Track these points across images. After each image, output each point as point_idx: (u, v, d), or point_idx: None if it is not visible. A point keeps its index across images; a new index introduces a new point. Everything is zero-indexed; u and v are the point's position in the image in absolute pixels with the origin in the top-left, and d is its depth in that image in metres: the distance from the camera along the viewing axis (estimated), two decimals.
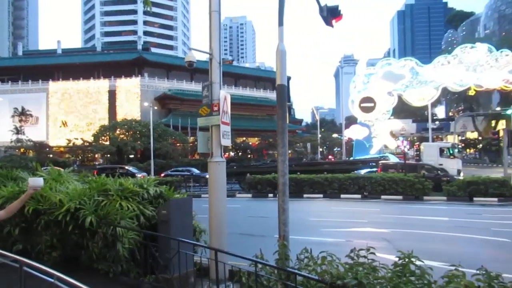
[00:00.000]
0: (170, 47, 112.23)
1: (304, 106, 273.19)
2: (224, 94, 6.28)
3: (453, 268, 3.26)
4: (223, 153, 6.37)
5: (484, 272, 3.15)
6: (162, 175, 30.75)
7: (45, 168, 7.75)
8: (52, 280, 3.19)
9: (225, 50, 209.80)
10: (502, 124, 51.66)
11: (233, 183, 27.20)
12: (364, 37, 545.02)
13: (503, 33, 79.31)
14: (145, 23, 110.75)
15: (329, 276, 3.68)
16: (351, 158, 38.78)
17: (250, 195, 22.66)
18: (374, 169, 25.78)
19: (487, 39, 58.18)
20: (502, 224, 12.50)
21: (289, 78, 75.25)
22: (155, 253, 5.54)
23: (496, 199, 18.22)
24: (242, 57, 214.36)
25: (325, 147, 73.26)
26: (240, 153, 59.65)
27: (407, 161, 25.90)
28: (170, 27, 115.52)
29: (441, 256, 7.24)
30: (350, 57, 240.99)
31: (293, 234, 8.26)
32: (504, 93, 45.95)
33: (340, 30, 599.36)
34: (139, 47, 79.10)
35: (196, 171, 33.10)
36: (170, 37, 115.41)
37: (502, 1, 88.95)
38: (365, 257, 3.82)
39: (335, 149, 74.19)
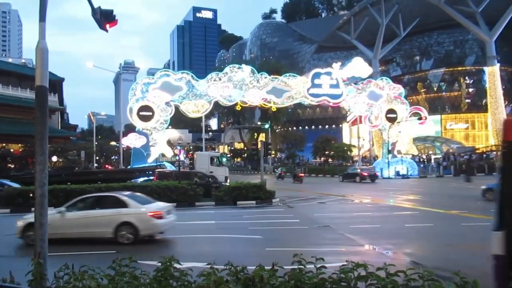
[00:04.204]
0: None
1: (81, 112, 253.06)
2: None
3: (209, 266, 3.62)
4: None
5: (230, 266, 3.62)
6: None
7: None
8: None
9: None
10: (262, 137, 60.13)
11: None
12: (146, 46, 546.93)
13: (264, 58, 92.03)
14: None
15: None
16: (129, 167, 38.19)
17: (8, 210, 19.57)
18: (151, 178, 26.06)
19: (251, 62, 66.87)
20: (257, 223, 14.52)
21: (62, 80, 68.95)
22: None
23: (254, 201, 20.95)
24: (4, 51, 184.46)
25: (102, 155, 69.73)
26: None
27: (182, 169, 27.20)
28: None
29: (204, 256, 7.85)
30: (131, 64, 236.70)
31: (58, 251, 7.60)
32: (264, 109, 53.60)
33: (122, 36, 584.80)
34: None
35: None
36: None
37: (263, 31, 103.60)
38: (127, 266, 3.85)
39: (113, 157, 71.50)
